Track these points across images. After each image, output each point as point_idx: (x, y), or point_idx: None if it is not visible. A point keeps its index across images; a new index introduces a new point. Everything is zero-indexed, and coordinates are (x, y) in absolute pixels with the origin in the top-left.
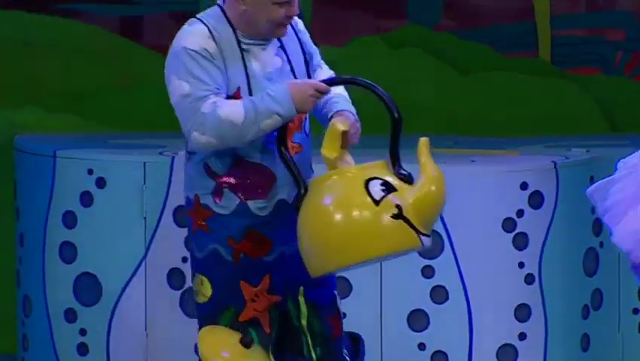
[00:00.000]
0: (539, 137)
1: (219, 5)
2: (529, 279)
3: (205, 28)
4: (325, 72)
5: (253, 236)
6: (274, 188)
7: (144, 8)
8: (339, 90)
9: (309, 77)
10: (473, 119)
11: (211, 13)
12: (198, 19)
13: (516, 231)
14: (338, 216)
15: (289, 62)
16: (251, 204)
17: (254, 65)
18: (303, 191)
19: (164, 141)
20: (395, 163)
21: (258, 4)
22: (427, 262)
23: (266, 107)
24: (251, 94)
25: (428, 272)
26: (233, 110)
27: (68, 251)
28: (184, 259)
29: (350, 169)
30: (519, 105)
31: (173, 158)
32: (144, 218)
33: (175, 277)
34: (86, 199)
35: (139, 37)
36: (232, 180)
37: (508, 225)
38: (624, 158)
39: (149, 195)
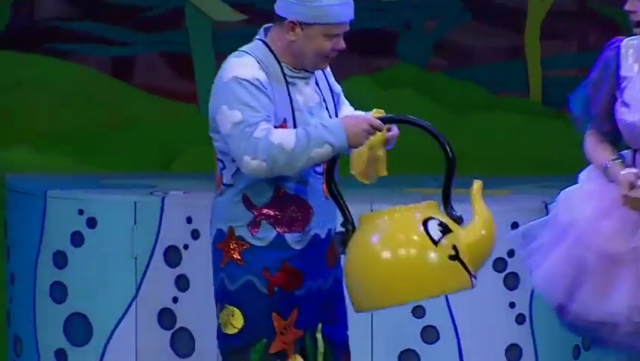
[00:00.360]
0: (530, 176)
1: (260, 40)
2: (520, 319)
3: (254, 59)
4: (350, 109)
5: (288, 269)
6: (311, 221)
7: (135, 48)
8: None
9: (337, 115)
10: (463, 158)
11: (255, 47)
12: (244, 51)
13: (507, 271)
14: (395, 255)
15: (324, 99)
16: (289, 237)
17: (299, 99)
18: (351, 227)
19: (155, 181)
20: (447, 204)
21: (308, 35)
22: (417, 301)
23: (319, 136)
24: (295, 127)
25: (418, 312)
26: (285, 136)
27: (58, 291)
28: (175, 299)
29: (399, 208)
30: (510, 145)
31: (164, 198)
32: (135, 258)
33: (165, 317)
34: (77, 239)
35: (130, 77)
36: (271, 212)
37: (499, 265)
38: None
39: (140, 235)
